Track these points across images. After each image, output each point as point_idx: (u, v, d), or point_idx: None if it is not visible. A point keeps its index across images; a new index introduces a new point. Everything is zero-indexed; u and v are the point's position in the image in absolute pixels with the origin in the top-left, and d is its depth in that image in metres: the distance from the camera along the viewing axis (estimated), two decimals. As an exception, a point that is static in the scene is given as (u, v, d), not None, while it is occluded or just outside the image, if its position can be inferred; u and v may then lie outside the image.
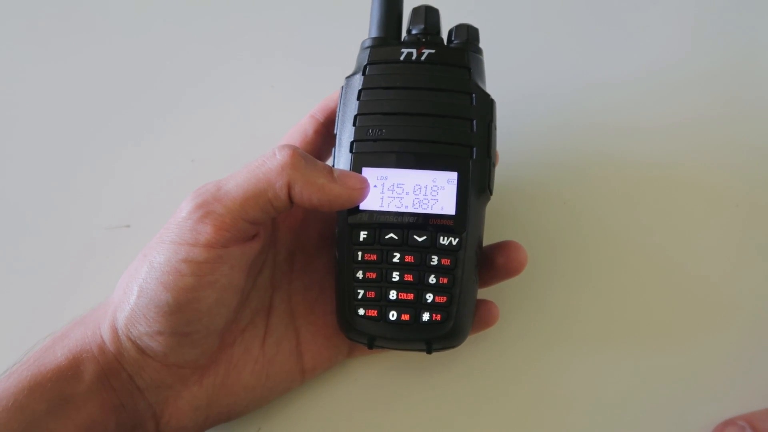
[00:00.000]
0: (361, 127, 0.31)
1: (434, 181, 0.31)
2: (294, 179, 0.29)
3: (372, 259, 0.31)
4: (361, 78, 0.32)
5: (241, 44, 0.45)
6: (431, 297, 0.31)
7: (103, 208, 0.41)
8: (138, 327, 0.29)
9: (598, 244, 0.39)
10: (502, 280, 0.35)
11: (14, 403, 0.28)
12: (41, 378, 0.29)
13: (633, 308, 0.38)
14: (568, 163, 0.40)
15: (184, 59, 0.44)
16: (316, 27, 0.45)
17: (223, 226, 0.29)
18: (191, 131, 0.42)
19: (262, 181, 0.29)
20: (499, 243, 0.34)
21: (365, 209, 0.31)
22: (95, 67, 0.44)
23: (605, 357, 0.37)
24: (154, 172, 0.41)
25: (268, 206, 0.29)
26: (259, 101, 0.43)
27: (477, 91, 0.31)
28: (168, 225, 0.30)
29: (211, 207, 0.29)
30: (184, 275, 0.28)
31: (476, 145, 0.31)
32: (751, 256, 0.39)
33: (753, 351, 0.37)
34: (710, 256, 0.39)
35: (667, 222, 0.39)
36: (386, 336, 0.31)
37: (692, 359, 0.37)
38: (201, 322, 0.29)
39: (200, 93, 0.43)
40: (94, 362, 0.30)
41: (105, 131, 0.43)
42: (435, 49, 0.32)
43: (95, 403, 0.29)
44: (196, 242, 0.28)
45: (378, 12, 0.33)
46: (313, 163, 0.30)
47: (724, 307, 0.38)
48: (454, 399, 0.37)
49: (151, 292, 0.28)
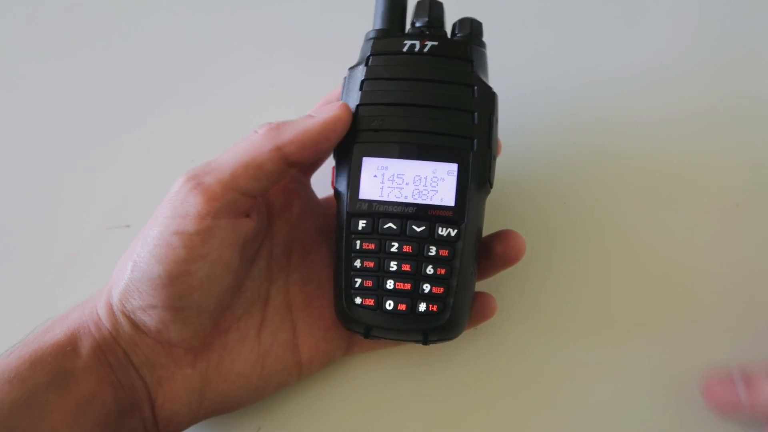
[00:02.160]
0: (362, 117, 0.31)
1: (434, 172, 0.31)
2: (281, 139, 0.30)
3: (370, 248, 0.31)
4: (364, 68, 0.32)
5: (241, 43, 0.45)
6: (428, 287, 0.31)
7: (103, 208, 0.41)
8: (132, 301, 0.30)
9: (597, 239, 0.39)
10: (500, 269, 0.35)
11: (16, 376, 0.28)
12: (41, 353, 0.29)
13: (631, 302, 0.38)
14: (569, 159, 0.40)
15: (184, 59, 0.45)
16: (317, 25, 0.45)
17: (214, 195, 0.29)
18: (191, 131, 0.43)
19: (249, 151, 0.30)
20: (498, 232, 0.34)
21: (365, 198, 0.31)
22: (94, 66, 0.44)
23: (603, 349, 0.37)
24: (153, 172, 0.41)
25: (259, 174, 0.30)
26: (259, 100, 0.43)
27: (479, 84, 0.32)
28: (162, 202, 0.30)
29: (201, 179, 0.30)
30: (176, 247, 0.29)
31: (477, 138, 0.31)
32: (750, 253, 0.39)
33: (752, 349, 0.37)
34: (709, 251, 0.39)
35: (667, 217, 0.39)
36: (382, 326, 0.31)
37: (690, 354, 0.37)
38: (192, 297, 0.30)
39: (200, 92, 0.44)
40: (90, 338, 0.30)
41: (105, 131, 0.43)
42: (438, 41, 0.32)
43: (93, 378, 0.30)
44: (186, 213, 0.29)
45: (382, 4, 0.34)
46: (291, 121, 0.31)
47: (724, 303, 0.38)
48: (454, 395, 0.37)
49: (144, 266, 0.29)
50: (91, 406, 0.29)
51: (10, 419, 0.27)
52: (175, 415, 0.32)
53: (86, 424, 0.29)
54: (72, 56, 0.45)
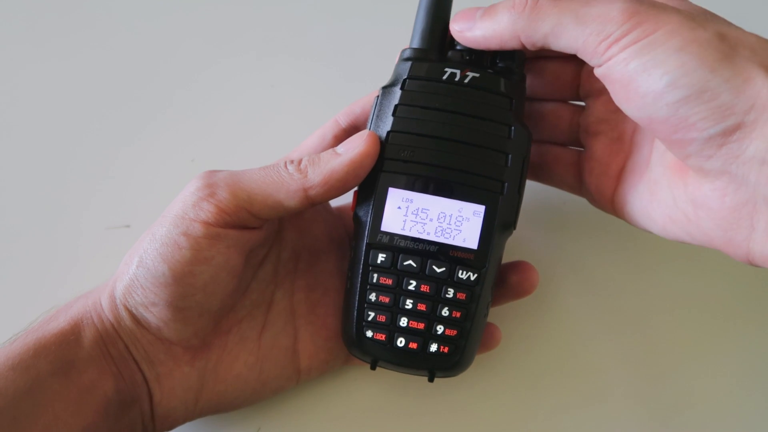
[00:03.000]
0: (392, 146, 0.30)
1: (460, 211, 0.30)
2: (309, 182, 0.29)
3: (387, 283, 0.30)
4: (399, 92, 0.30)
5: (241, 44, 0.44)
6: (442, 329, 0.30)
7: (103, 208, 0.41)
8: (134, 296, 0.30)
9: (602, 266, 0.40)
10: (512, 299, 0.35)
11: (20, 363, 0.28)
12: (45, 341, 0.29)
13: (638, 332, 0.39)
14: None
15: (185, 60, 0.44)
16: (318, 26, 0.44)
17: (226, 209, 0.29)
18: (191, 131, 0.42)
19: (274, 185, 0.29)
20: (513, 263, 0.35)
21: (386, 231, 0.30)
22: (94, 66, 0.44)
23: (607, 382, 0.38)
24: (154, 172, 0.41)
25: (278, 207, 0.30)
26: (259, 101, 0.43)
27: (516, 124, 0.30)
28: (175, 200, 0.30)
29: (218, 189, 0.29)
30: (182, 248, 0.29)
31: (508, 181, 0.30)
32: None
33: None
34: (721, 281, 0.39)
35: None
36: (391, 361, 0.31)
37: (695, 388, 0.38)
38: (195, 298, 0.30)
39: (200, 92, 0.43)
40: (93, 328, 0.30)
41: (105, 131, 0.42)
42: (479, 73, 0.30)
43: (95, 368, 0.30)
44: (196, 218, 0.29)
45: (423, 22, 0.31)
46: (319, 159, 0.30)
47: (734, 338, 0.39)
48: (455, 403, 0.37)
49: (150, 263, 0.29)
50: (92, 395, 0.29)
51: (13, 406, 0.28)
52: (172, 412, 0.32)
53: (87, 413, 0.29)
54: (74, 57, 0.44)
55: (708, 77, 0.24)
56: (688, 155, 0.26)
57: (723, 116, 0.24)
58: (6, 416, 0.27)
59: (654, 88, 0.25)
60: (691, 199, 0.27)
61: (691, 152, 0.25)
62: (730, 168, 0.25)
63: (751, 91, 0.23)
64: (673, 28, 0.24)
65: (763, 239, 0.25)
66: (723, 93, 0.24)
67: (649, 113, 0.26)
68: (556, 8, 0.26)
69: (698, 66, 0.24)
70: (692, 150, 0.25)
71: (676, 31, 0.24)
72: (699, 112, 0.24)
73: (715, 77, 0.24)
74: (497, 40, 0.28)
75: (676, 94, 0.24)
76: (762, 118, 0.23)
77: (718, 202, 0.26)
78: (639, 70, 0.25)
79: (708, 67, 0.24)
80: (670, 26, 0.24)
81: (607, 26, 0.25)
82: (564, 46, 0.27)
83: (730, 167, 0.25)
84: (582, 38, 0.26)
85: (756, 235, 0.25)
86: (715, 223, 0.26)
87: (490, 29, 0.28)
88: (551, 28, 0.26)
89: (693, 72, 0.24)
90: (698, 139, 0.25)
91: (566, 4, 0.26)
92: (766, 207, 0.25)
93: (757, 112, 0.23)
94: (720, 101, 0.24)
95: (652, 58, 0.24)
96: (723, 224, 0.26)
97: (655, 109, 0.25)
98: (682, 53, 0.24)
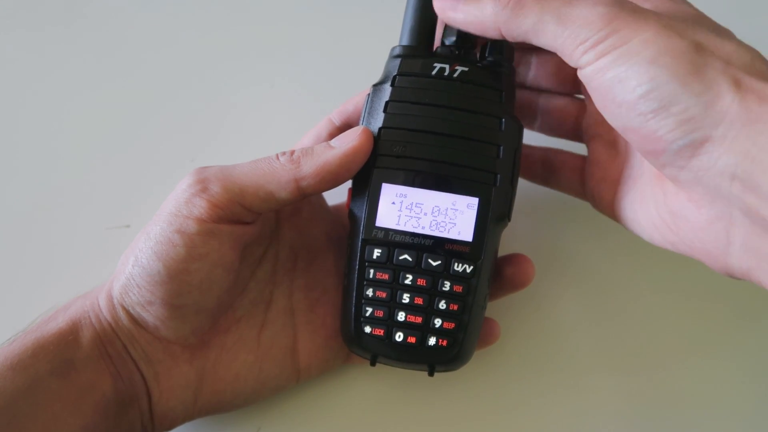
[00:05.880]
0: (384, 141, 0.30)
1: (454, 204, 0.30)
2: (301, 172, 0.30)
3: (384, 278, 0.30)
4: (390, 89, 0.31)
5: (240, 43, 0.44)
6: (439, 322, 0.30)
7: (102, 208, 0.41)
8: (131, 296, 0.30)
9: (600, 257, 0.40)
10: (508, 292, 0.35)
11: (19, 363, 0.28)
12: (44, 341, 0.29)
13: (636, 326, 0.39)
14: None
15: (184, 59, 0.44)
16: (317, 26, 0.44)
17: (219, 204, 0.29)
18: (191, 130, 0.42)
19: (266, 176, 0.30)
20: (509, 255, 0.35)
21: (381, 226, 0.30)
22: (94, 66, 0.44)
23: (606, 373, 0.38)
24: (154, 172, 0.41)
25: (270, 198, 0.30)
26: (259, 100, 0.43)
27: (506, 117, 0.31)
28: (168, 197, 0.30)
29: (210, 184, 0.30)
30: (176, 245, 0.29)
31: (500, 172, 0.30)
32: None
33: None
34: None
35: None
36: (390, 356, 0.31)
37: (694, 380, 0.38)
38: (191, 295, 0.30)
39: (200, 92, 0.43)
40: (91, 328, 0.30)
41: (104, 131, 0.42)
42: (468, 67, 0.31)
43: (93, 368, 0.30)
44: (189, 214, 0.29)
45: (411, 19, 0.32)
46: (312, 151, 0.30)
47: (738, 332, 0.39)
48: (455, 400, 0.37)
49: (145, 262, 0.29)
50: (91, 395, 0.30)
51: (12, 406, 0.28)
52: (171, 411, 0.32)
53: (86, 413, 0.29)
54: (74, 58, 0.44)
55: (678, 91, 0.24)
56: (663, 165, 0.26)
57: (691, 129, 0.24)
58: (5, 416, 0.27)
59: (628, 99, 0.25)
60: (671, 210, 0.28)
61: (665, 162, 0.26)
62: (703, 180, 0.25)
63: (720, 106, 0.24)
64: (649, 36, 0.24)
65: (739, 254, 0.25)
66: (692, 107, 0.24)
67: (623, 122, 0.26)
68: (538, 5, 0.26)
69: (669, 79, 0.24)
70: (665, 160, 0.26)
71: (651, 40, 0.24)
72: (667, 125, 0.24)
73: (685, 91, 0.24)
74: (477, 27, 0.29)
75: (647, 105, 0.25)
76: (731, 134, 0.23)
77: (694, 213, 0.26)
78: (614, 80, 0.25)
79: (679, 80, 0.24)
80: (646, 34, 0.25)
81: (584, 30, 0.25)
82: (544, 44, 0.27)
83: (702, 179, 0.25)
84: (560, 39, 0.26)
85: (733, 249, 0.26)
86: (694, 234, 0.27)
87: (471, 15, 0.28)
88: (532, 26, 0.27)
89: (664, 85, 0.24)
90: (668, 151, 0.25)
91: (550, 1, 0.26)
92: (742, 221, 0.25)
93: (726, 127, 0.23)
94: (688, 114, 0.24)
95: (626, 69, 0.25)
96: (701, 236, 0.27)
97: (629, 119, 0.25)
98: (654, 66, 0.24)
